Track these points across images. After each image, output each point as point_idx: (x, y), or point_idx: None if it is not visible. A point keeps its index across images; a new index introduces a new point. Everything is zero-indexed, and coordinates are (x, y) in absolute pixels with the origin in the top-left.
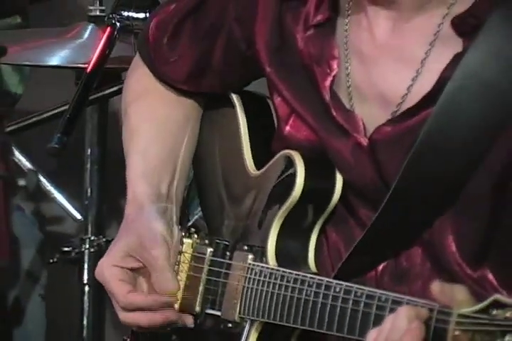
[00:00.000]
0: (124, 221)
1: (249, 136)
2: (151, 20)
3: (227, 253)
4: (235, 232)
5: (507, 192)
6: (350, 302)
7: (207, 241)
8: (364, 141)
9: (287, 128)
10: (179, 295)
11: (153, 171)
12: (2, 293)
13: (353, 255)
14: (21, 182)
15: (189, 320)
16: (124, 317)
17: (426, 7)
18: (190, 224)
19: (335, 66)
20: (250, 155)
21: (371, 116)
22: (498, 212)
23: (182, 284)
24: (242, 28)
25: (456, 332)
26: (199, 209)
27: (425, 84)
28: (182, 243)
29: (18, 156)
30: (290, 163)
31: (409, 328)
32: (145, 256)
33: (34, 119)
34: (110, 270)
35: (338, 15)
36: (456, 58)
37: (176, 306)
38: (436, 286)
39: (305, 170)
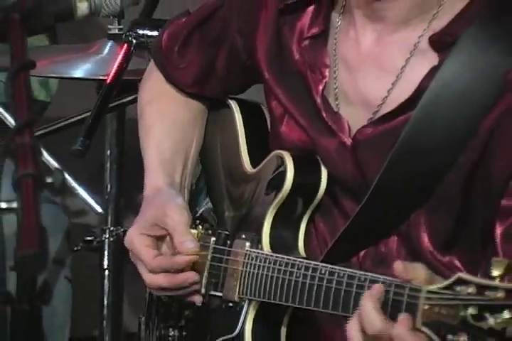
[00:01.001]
0: (144, 201)
1: (246, 137)
2: (163, 32)
3: (228, 242)
4: (235, 222)
5: (474, 191)
6: (334, 282)
7: (210, 232)
8: (348, 141)
9: (282, 128)
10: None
11: (168, 162)
12: (33, 276)
13: (338, 243)
14: (49, 180)
15: (198, 298)
16: (150, 279)
17: (408, 22)
18: (198, 215)
19: (326, 73)
20: (247, 154)
21: (355, 118)
22: (465, 208)
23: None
24: (244, 39)
25: (426, 307)
26: (207, 200)
27: (403, 92)
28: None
29: (46, 157)
30: (281, 161)
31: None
32: (168, 223)
33: (60, 124)
34: (138, 238)
35: (330, 27)
36: (433, 70)
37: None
38: (398, 265)
39: (294, 167)
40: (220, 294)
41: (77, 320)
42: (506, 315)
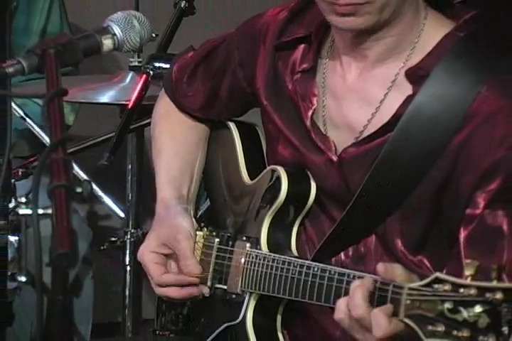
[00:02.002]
0: (156, 217)
1: (243, 153)
2: (174, 64)
3: (230, 243)
4: (236, 226)
5: (443, 201)
6: (326, 278)
7: (214, 233)
8: (334, 158)
9: (277, 147)
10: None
11: (176, 179)
12: (64, 273)
13: (325, 244)
14: (78, 190)
15: (206, 290)
16: (158, 291)
17: (386, 61)
18: (198, 216)
19: (315, 102)
20: (245, 168)
21: (341, 140)
22: (434, 216)
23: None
24: (244, 70)
25: (408, 301)
26: (204, 204)
27: (382, 118)
28: (196, 234)
29: (77, 170)
30: (276, 175)
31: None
32: (176, 246)
33: (89, 143)
34: (149, 255)
35: (319, 63)
36: (408, 99)
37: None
38: (380, 266)
39: (287, 180)
40: (224, 287)
41: (103, 308)
42: (478, 309)
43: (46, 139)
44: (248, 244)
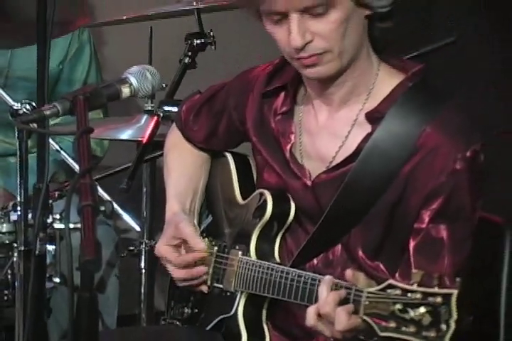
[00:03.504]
0: (166, 222)
1: (237, 178)
2: (183, 105)
3: (226, 250)
4: (231, 237)
5: (395, 217)
6: (301, 282)
7: (213, 243)
8: (309, 183)
9: (264, 174)
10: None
11: (182, 194)
12: (91, 274)
13: (300, 252)
14: (102, 208)
15: (205, 287)
16: (176, 273)
17: (348, 104)
18: (201, 229)
19: (292, 138)
20: (238, 190)
21: (314, 168)
22: (388, 228)
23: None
24: (238, 113)
25: (366, 302)
26: (206, 220)
27: (347, 151)
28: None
29: (101, 192)
30: (263, 197)
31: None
32: (181, 233)
33: (112, 171)
34: (163, 248)
35: (296, 107)
36: (367, 136)
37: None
38: (349, 272)
39: (272, 201)
40: (221, 286)
41: (123, 303)
42: (422, 310)
43: (77, 168)
44: (240, 252)
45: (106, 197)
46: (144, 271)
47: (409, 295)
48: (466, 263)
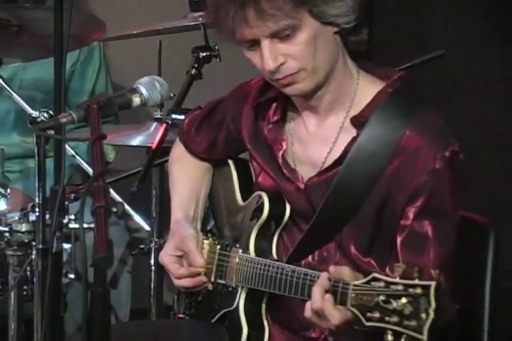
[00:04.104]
0: (170, 231)
1: (238, 182)
2: (185, 119)
3: (228, 249)
4: (232, 236)
5: (383, 215)
6: (295, 277)
7: (216, 242)
8: (301, 186)
9: (260, 179)
10: (205, 265)
11: (185, 204)
12: (104, 272)
13: (296, 249)
14: (114, 209)
15: (209, 285)
16: (176, 282)
17: (334, 111)
18: (208, 230)
19: (284, 145)
20: (239, 193)
21: (306, 172)
22: (377, 226)
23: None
24: (234, 124)
25: (353, 295)
26: (211, 222)
27: (335, 154)
28: (203, 243)
29: (113, 194)
30: (261, 199)
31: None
32: (184, 247)
33: (124, 175)
34: (166, 257)
35: (287, 116)
36: (353, 140)
37: (204, 272)
38: (331, 268)
39: (269, 203)
40: (223, 282)
41: (134, 298)
42: (404, 300)
43: (90, 171)
44: (241, 250)
45: (118, 198)
46: (153, 267)
47: (392, 287)
48: (452, 259)
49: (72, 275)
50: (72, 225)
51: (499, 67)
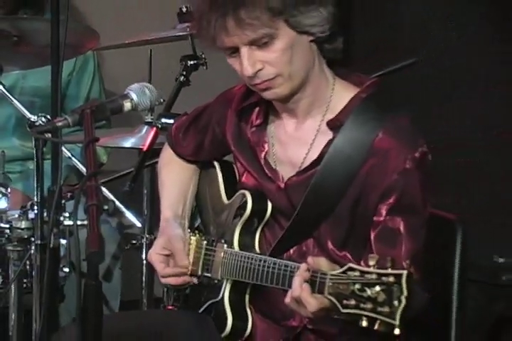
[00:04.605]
0: (160, 229)
1: (223, 182)
2: (173, 124)
3: (214, 244)
4: (218, 232)
5: (358, 212)
6: (276, 268)
7: (203, 238)
8: (282, 185)
9: (243, 179)
10: (190, 266)
11: (173, 204)
12: (96, 267)
13: (277, 244)
14: (105, 207)
15: (195, 280)
16: (162, 280)
17: (311, 114)
18: (195, 227)
19: (266, 146)
20: (224, 192)
21: (286, 172)
22: (352, 222)
23: (191, 260)
24: (219, 128)
25: (330, 283)
26: (199, 220)
27: (313, 155)
28: (190, 239)
29: (106, 192)
30: (244, 197)
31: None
32: (171, 247)
33: (117, 175)
34: (154, 256)
35: (268, 119)
36: (329, 142)
37: (189, 272)
38: (309, 259)
39: (252, 200)
40: (209, 275)
41: (126, 290)
42: (377, 288)
43: (84, 171)
44: (225, 245)
45: (110, 197)
46: (144, 262)
47: (366, 276)
48: (421, 252)
49: (67, 269)
50: (67, 222)
51: (499, 67)
